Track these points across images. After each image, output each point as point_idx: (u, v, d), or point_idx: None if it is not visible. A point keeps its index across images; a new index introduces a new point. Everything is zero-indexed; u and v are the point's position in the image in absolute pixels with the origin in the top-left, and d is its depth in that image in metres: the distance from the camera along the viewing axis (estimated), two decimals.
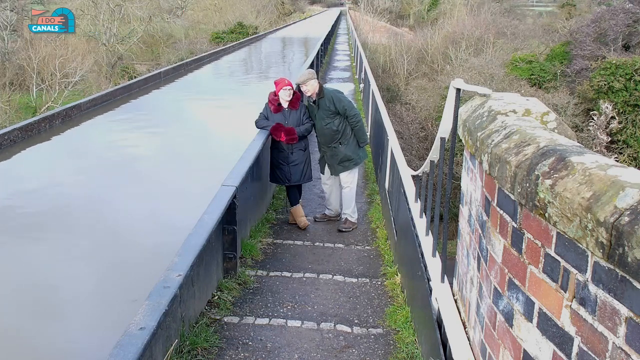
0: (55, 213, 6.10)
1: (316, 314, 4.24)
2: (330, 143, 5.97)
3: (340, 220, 6.36)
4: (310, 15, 62.78)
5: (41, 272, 4.81)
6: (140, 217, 6.08)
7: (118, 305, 4.23)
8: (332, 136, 5.92)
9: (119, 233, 5.66)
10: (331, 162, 6.09)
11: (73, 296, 4.51)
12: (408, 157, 15.72)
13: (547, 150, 1.64)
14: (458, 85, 2.54)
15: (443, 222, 2.87)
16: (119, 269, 4.89)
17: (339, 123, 5.88)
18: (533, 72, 27.91)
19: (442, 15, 48.60)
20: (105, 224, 5.83)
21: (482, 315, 2.17)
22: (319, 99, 5.88)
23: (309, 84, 5.83)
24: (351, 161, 6.02)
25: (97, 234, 5.58)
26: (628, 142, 23.36)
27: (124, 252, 5.22)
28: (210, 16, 50.15)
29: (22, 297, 4.49)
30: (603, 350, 1.31)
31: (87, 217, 5.97)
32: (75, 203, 6.37)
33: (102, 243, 5.39)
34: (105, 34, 36.92)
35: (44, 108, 25.22)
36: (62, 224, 5.85)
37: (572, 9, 46.14)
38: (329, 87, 6.22)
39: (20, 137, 7.85)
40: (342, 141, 5.94)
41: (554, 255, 1.53)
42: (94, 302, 4.40)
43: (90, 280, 4.74)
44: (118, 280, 4.69)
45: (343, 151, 5.95)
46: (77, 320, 4.22)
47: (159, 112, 11.18)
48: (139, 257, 5.04)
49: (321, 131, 5.98)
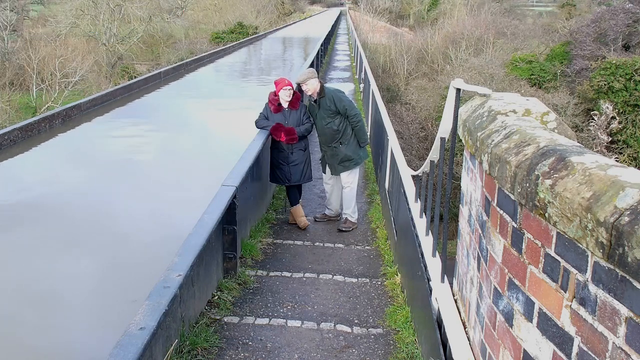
0: (55, 212, 6.11)
1: (316, 314, 4.24)
2: (330, 143, 5.97)
3: (341, 220, 6.36)
4: (310, 15, 62.79)
5: (40, 271, 4.81)
6: (141, 216, 6.08)
7: (118, 305, 4.23)
8: (332, 136, 5.92)
9: (119, 232, 5.66)
10: (331, 162, 6.09)
11: (73, 296, 4.51)
12: (408, 157, 15.73)
13: (547, 150, 1.64)
14: (458, 85, 2.54)
15: (443, 222, 2.87)
16: (119, 268, 4.89)
17: (339, 123, 5.88)
18: (533, 72, 27.91)
19: (442, 15, 48.62)
20: (105, 223, 5.84)
21: (482, 315, 2.17)
22: (320, 98, 5.88)
23: (309, 83, 5.83)
24: (351, 161, 6.02)
25: (97, 233, 5.59)
26: (628, 142, 23.37)
27: (123, 251, 5.22)
28: (210, 16, 50.17)
29: (21, 296, 4.50)
30: (603, 350, 1.31)
31: (88, 216, 5.98)
32: (76, 202, 6.37)
33: (103, 242, 5.39)
34: (105, 34, 36.93)
35: (44, 108, 25.24)
36: (61, 222, 5.86)
37: (572, 9, 46.16)
38: (330, 86, 6.22)
39: (20, 137, 7.85)
40: (342, 141, 5.93)
41: (554, 255, 1.53)
42: (94, 302, 4.40)
43: (90, 280, 4.74)
44: (118, 279, 4.69)
45: (343, 151, 5.95)
46: (78, 319, 4.22)
47: (158, 112, 11.16)
48: (139, 257, 5.05)
49: (322, 130, 5.98)
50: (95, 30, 36.99)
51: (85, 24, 37.16)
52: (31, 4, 42.86)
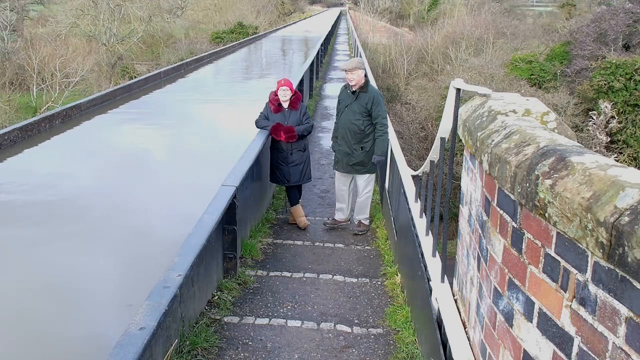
0: (68, 207, 6.23)
1: (316, 314, 4.24)
2: (351, 141, 5.74)
3: (352, 223, 6.25)
4: (310, 15, 62.78)
5: (64, 267, 4.93)
6: (153, 212, 6.19)
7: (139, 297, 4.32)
8: (354, 134, 5.71)
9: (135, 228, 5.77)
10: (341, 158, 5.92)
11: (96, 289, 4.59)
12: (408, 157, 15.72)
13: (547, 150, 1.64)
14: (458, 85, 2.54)
15: (443, 222, 2.87)
16: (139, 261, 4.94)
17: (366, 125, 5.67)
18: (533, 72, 27.89)
19: (442, 15, 48.58)
20: (122, 219, 5.95)
21: (482, 315, 2.17)
22: (360, 92, 5.67)
23: (356, 73, 5.59)
24: (365, 167, 5.86)
25: (115, 228, 5.70)
26: (628, 142, 23.36)
27: (141, 246, 5.31)
28: (210, 16, 50.19)
29: (46, 291, 4.58)
30: (603, 350, 1.31)
31: (105, 212, 6.11)
32: (89, 198, 6.52)
33: (120, 238, 5.50)
34: (105, 34, 36.92)
35: (44, 108, 25.24)
36: (75, 217, 5.96)
37: (572, 9, 46.16)
38: (376, 87, 6.01)
39: (20, 137, 7.85)
40: (363, 145, 5.73)
41: (554, 255, 1.53)
42: (117, 295, 4.47)
43: (113, 273, 4.85)
44: (139, 273, 4.74)
45: (360, 156, 5.79)
46: (102, 312, 4.31)
47: (158, 112, 11.19)
48: (156, 251, 5.10)
49: (346, 124, 5.75)
50: (95, 30, 36.98)
51: (85, 24, 37.15)
52: (31, 4, 42.84)
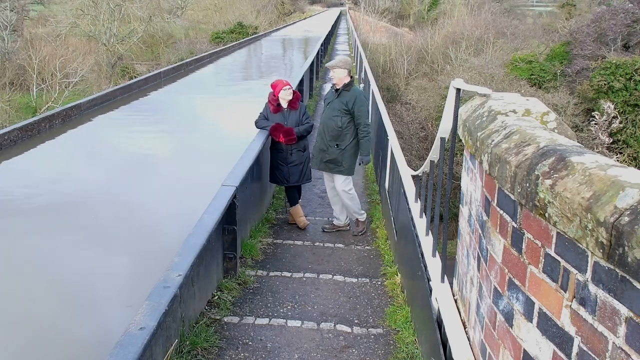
0: (69, 207, 6.26)
1: (316, 314, 4.24)
2: (327, 138, 5.75)
3: (352, 223, 6.18)
4: (310, 15, 62.75)
5: (78, 266, 4.95)
6: (153, 212, 6.21)
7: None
8: (331, 131, 5.71)
9: (131, 227, 5.78)
10: (316, 154, 5.92)
11: (108, 288, 4.61)
12: (408, 157, 15.73)
13: (547, 150, 1.64)
14: (458, 85, 2.54)
15: (443, 222, 2.87)
16: (149, 259, 4.95)
17: (344, 123, 5.67)
18: (533, 72, 27.88)
19: (442, 15, 48.56)
20: (130, 218, 5.98)
21: (482, 315, 2.17)
22: (342, 90, 5.69)
23: (337, 71, 5.65)
24: (337, 166, 5.79)
25: (124, 228, 5.73)
26: (628, 142, 23.36)
27: (151, 245, 5.32)
28: (210, 16, 50.17)
29: (61, 290, 4.60)
30: (603, 350, 1.31)
31: (113, 211, 6.14)
32: (89, 198, 6.53)
33: (131, 237, 5.52)
34: (105, 34, 36.90)
35: (44, 108, 25.23)
36: (75, 217, 5.99)
37: (572, 9, 46.15)
38: (360, 89, 5.99)
39: (20, 137, 7.85)
40: (339, 143, 5.72)
41: (554, 255, 1.53)
42: (127, 293, 4.48)
43: (125, 272, 4.87)
44: (150, 271, 4.77)
45: (334, 153, 5.75)
46: (114, 310, 4.33)
47: (158, 112, 11.19)
48: (152, 252, 5.11)
49: (325, 120, 5.79)
50: (95, 30, 36.96)
51: (85, 24, 37.12)
52: (31, 4, 42.82)
